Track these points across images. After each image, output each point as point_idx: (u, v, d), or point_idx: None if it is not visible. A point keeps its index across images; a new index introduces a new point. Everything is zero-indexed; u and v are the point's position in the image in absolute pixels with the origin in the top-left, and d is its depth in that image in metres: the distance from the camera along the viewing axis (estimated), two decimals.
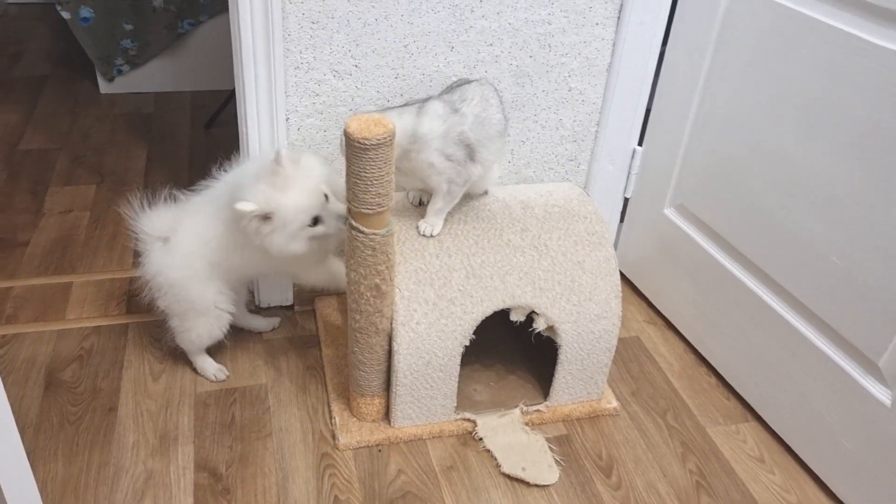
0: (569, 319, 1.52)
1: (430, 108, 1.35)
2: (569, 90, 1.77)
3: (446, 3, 1.58)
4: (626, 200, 2.00)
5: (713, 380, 1.76)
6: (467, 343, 1.47)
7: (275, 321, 1.80)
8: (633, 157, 1.92)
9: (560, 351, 1.54)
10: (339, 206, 1.40)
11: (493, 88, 1.43)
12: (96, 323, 1.77)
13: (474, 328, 1.47)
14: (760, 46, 1.52)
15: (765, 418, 1.65)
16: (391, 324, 1.43)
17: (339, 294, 1.89)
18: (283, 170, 1.33)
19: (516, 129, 1.79)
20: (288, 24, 1.52)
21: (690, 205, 1.78)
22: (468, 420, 1.57)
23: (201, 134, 2.69)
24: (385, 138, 1.20)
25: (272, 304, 1.87)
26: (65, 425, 1.50)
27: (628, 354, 1.82)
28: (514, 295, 1.48)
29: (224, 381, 1.64)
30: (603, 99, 1.81)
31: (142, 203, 1.48)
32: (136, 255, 1.53)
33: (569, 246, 1.53)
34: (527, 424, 1.59)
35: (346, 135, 1.21)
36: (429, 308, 1.43)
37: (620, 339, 1.83)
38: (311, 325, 1.83)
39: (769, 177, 1.54)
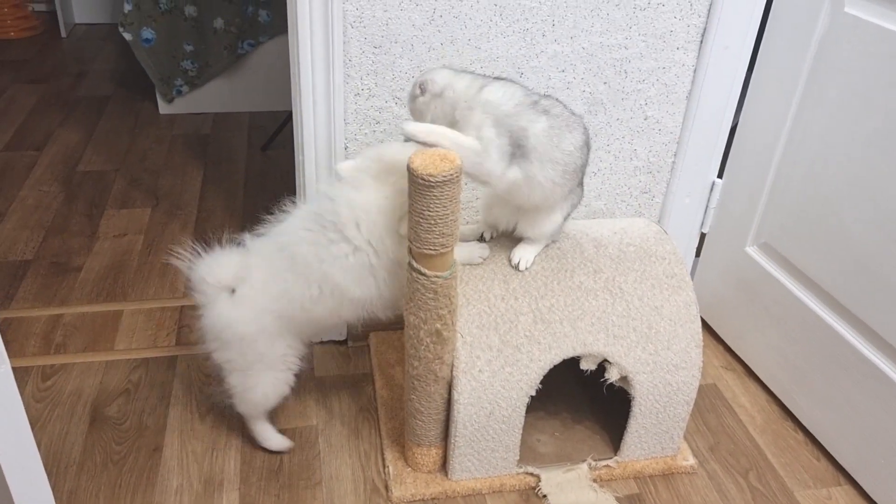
0: (644, 370, 1.39)
1: (509, 87, 1.21)
2: (645, 119, 1.65)
3: (517, 27, 1.48)
4: (702, 236, 1.86)
5: (800, 436, 1.61)
6: (533, 393, 1.36)
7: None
8: (711, 190, 1.78)
9: (634, 403, 1.42)
10: None
11: (583, 126, 1.27)
12: (145, 354, 1.71)
13: (541, 377, 1.35)
14: (862, 74, 1.38)
15: (859, 482, 1.49)
16: (452, 371, 1.33)
17: (397, 328, 1.79)
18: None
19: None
20: (349, 49, 1.44)
21: (777, 244, 1.64)
22: (531, 475, 1.45)
23: (258, 155, 2.65)
24: (452, 175, 1.11)
25: (325, 339, 1.79)
26: (108, 465, 1.44)
27: (705, 404, 1.68)
28: (586, 342, 1.36)
29: (287, 451, 1.50)
30: (681, 128, 1.68)
31: (200, 248, 1.33)
32: (194, 301, 1.37)
33: (646, 289, 1.40)
34: (595, 481, 1.46)
35: (410, 171, 1.11)
36: (493, 355, 1.33)
37: None
38: (364, 363, 1.74)
39: (869, 217, 1.39)
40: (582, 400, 1.62)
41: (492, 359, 1.33)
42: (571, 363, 1.39)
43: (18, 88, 3.04)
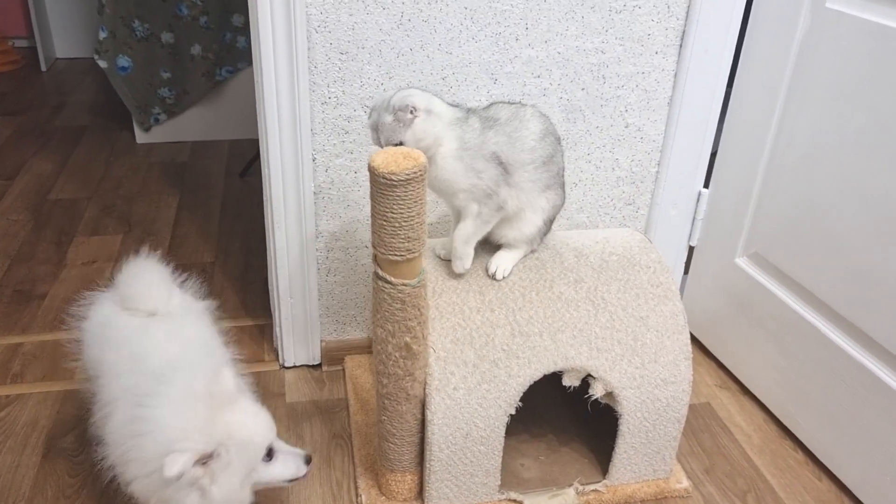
0: (631, 385, 1.30)
1: (465, 122, 1.18)
2: (626, 126, 1.59)
3: (489, 30, 1.43)
4: (690, 251, 1.79)
5: (800, 456, 1.51)
6: (513, 412, 1.27)
7: None
8: (698, 200, 1.71)
9: (621, 421, 1.33)
10: (294, 448, 1.10)
11: (538, 114, 1.24)
12: None
13: (521, 394, 1.27)
14: (848, 71, 1.32)
15: (865, 502, 1.39)
16: (424, 389, 1.24)
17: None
18: (216, 392, 1.01)
19: (568, 170, 1.61)
20: (314, 55, 1.38)
21: (767, 253, 1.57)
22: (514, 501, 1.35)
23: (236, 182, 2.58)
24: (415, 173, 1.04)
25: (297, 363, 1.70)
26: (59, 499, 1.34)
27: (699, 424, 1.59)
28: (568, 356, 1.28)
29: None
30: (664, 136, 1.62)
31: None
32: None
33: (630, 300, 1.33)
34: None
35: (371, 170, 1.05)
36: (468, 371, 1.24)
37: (689, 406, 1.60)
38: (339, 388, 1.65)
39: (861, 219, 1.32)
40: (568, 420, 1.53)
41: (467, 375, 1.24)
42: (554, 380, 1.30)
43: None
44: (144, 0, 2.57)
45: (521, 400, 1.27)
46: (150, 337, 1.16)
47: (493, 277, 1.30)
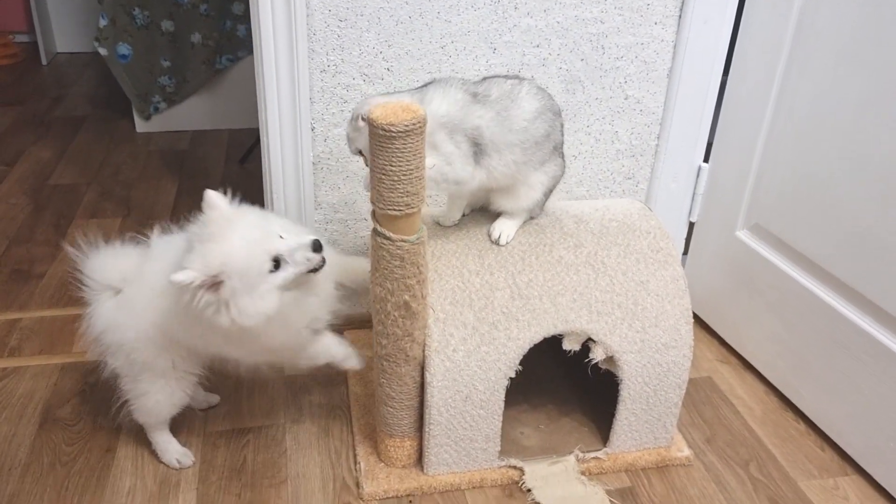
0: (631, 349, 1.30)
1: (447, 91, 1.15)
2: (625, 98, 1.59)
3: None
4: (690, 227, 1.79)
5: (802, 427, 1.50)
6: (512, 375, 1.26)
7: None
8: (698, 175, 1.71)
9: (622, 386, 1.32)
10: (300, 238, 1.11)
11: (534, 90, 1.20)
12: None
13: (520, 357, 1.26)
14: (848, 34, 1.32)
15: (869, 472, 1.38)
16: (423, 351, 1.23)
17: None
18: (214, 214, 1.08)
19: (567, 142, 1.60)
20: (313, 21, 1.38)
21: (768, 224, 1.56)
22: (514, 468, 1.34)
23: (236, 169, 2.58)
24: (414, 124, 1.03)
25: None
26: (56, 466, 1.33)
27: (699, 396, 1.58)
28: (567, 319, 1.27)
29: (190, 466, 1.33)
30: (664, 108, 1.62)
31: (96, 241, 1.23)
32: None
33: (630, 264, 1.32)
34: (583, 474, 1.35)
35: (370, 122, 1.04)
36: (467, 333, 1.24)
37: (690, 380, 1.59)
38: None
39: (866, 186, 1.32)
40: (568, 392, 1.52)
41: (466, 337, 1.23)
42: (553, 349, 1.30)
43: None
44: None
45: (520, 365, 1.26)
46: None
47: (496, 243, 1.29)
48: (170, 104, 2.82)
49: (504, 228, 1.30)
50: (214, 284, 1.06)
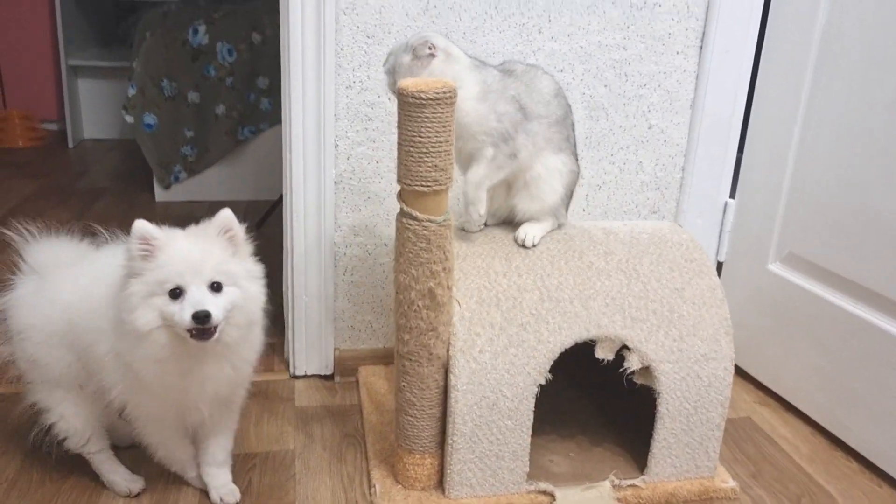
0: (669, 358, 1.21)
1: (482, 67, 1.19)
2: (649, 127, 1.59)
3: (512, 21, 1.46)
4: (718, 266, 1.73)
5: (855, 465, 1.38)
6: (542, 382, 1.18)
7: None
8: (724, 211, 1.68)
9: (659, 401, 1.22)
10: (202, 300, 1.01)
11: (549, 74, 1.24)
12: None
13: (551, 363, 1.18)
14: (875, 41, 1.32)
15: None
16: (448, 351, 1.16)
17: (383, 363, 1.62)
18: (202, 228, 1.10)
19: (591, 171, 1.59)
20: (341, 37, 1.41)
21: (803, 251, 1.51)
22: (544, 493, 1.23)
23: (253, 233, 2.56)
24: (444, 93, 1.02)
25: (309, 372, 1.61)
26: (45, 483, 1.23)
27: (740, 435, 1.47)
28: (600, 324, 1.20)
29: (139, 494, 1.22)
30: (688, 140, 1.61)
31: (43, 231, 1.20)
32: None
33: (663, 272, 1.26)
34: (620, 501, 1.23)
35: (400, 90, 1.03)
36: (494, 333, 1.16)
37: (729, 420, 1.48)
38: (352, 396, 1.55)
39: None
40: (599, 425, 1.42)
41: (493, 337, 1.16)
42: (582, 377, 1.22)
43: (17, 181, 3.03)
44: (175, 60, 2.67)
45: (550, 375, 1.18)
46: None
47: (522, 245, 1.25)
48: (190, 174, 2.85)
49: (530, 230, 1.25)
50: (146, 251, 1.01)
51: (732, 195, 1.68)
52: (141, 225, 1.02)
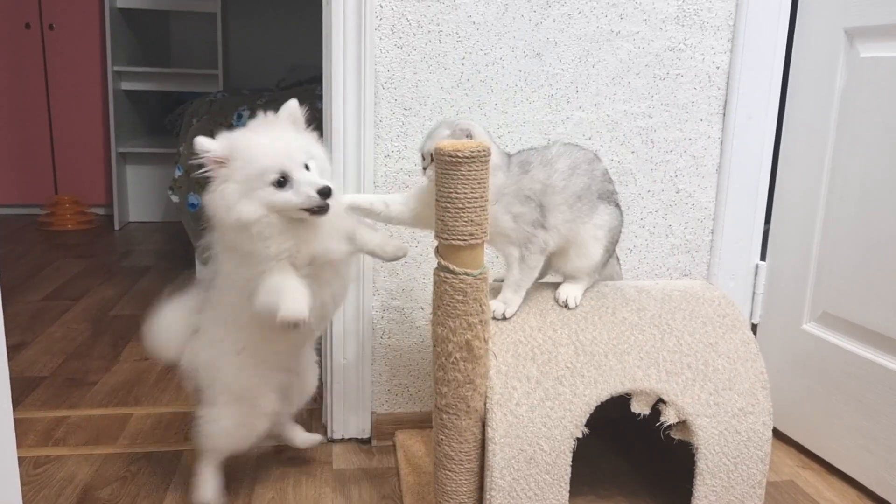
0: (705, 412, 1.21)
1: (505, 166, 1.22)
2: (676, 192, 1.63)
3: (542, 92, 1.54)
4: (752, 329, 1.73)
5: None
6: (579, 435, 1.18)
7: (316, 438, 1.52)
8: (756, 274, 1.69)
9: (698, 456, 1.22)
10: (316, 177, 1.13)
11: (562, 148, 1.26)
12: (149, 449, 1.56)
13: (587, 416, 1.19)
14: (892, 108, 1.37)
15: None
16: (485, 404, 1.17)
17: (421, 426, 1.63)
18: (270, 119, 1.18)
19: (622, 236, 1.63)
20: (380, 109, 1.49)
21: (837, 309, 1.51)
22: None
23: None
24: (479, 152, 1.08)
25: (346, 436, 1.62)
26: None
27: (784, 498, 1.44)
28: (636, 377, 1.21)
29: None
30: (715, 203, 1.65)
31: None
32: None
33: (696, 326, 1.28)
34: None
35: (437, 150, 1.09)
36: (531, 387, 1.18)
37: (771, 483, 1.46)
38: (389, 459, 1.56)
39: None
40: (638, 486, 1.40)
41: (530, 391, 1.18)
42: (616, 438, 1.23)
43: (66, 261, 3.15)
44: None
45: (587, 430, 1.18)
46: None
47: (564, 305, 1.28)
48: None
49: (570, 291, 1.28)
50: (219, 162, 1.11)
51: (763, 257, 1.70)
52: (203, 140, 1.11)
